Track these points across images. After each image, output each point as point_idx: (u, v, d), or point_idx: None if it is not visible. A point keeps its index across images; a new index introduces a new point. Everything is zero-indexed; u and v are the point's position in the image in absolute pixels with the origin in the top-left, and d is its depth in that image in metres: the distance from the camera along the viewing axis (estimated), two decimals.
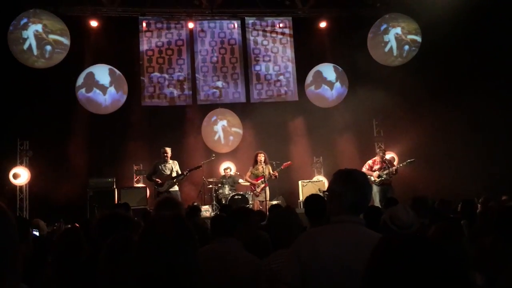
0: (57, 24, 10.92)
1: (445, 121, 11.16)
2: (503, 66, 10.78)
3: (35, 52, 10.73)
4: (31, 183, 10.72)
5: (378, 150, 10.49)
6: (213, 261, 2.77)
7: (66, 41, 10.97)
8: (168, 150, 9.58)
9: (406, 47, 12.04)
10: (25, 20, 10.74)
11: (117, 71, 11.47)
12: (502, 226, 2.74)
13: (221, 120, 12.08)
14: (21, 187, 10.74)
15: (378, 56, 12.04)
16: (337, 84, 12.28)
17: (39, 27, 10.76)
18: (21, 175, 10.59)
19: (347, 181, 2.25)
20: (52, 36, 10.84)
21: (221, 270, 2.71)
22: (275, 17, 12.66)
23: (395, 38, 12.02)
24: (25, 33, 10.66)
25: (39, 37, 10.72)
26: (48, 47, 10.81)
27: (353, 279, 1.96)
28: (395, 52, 12.06)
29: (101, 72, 11.45)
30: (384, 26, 12.08)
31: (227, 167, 11.14)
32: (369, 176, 8.76)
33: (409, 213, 2.93)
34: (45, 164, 10.49)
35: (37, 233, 5.01)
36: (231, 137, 12.09)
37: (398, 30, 12.03)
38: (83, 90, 11.31)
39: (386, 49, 12.04)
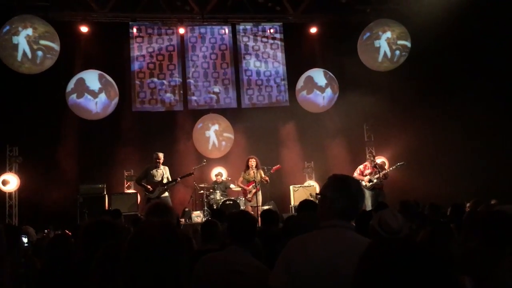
0: (48, 30, 10.87)
1: (435, 125, 11.26)
2: (492, 70, 10.87)
3: (26, 57, 10.65)
4: (20, 190, 10.63)
5: (368, 156, 10.55)
6: (221, 268, 2.74)
7: (56, 46, 10.92)
8: (161, 155, 9.54)
9: (397, 52, 12.12)
10: (15, 26, 10.67)
11: (107, 77, 11.42)
12: (486, 231, 2.77)
13: (213, 125, 12.07)
14: (10, 193, 10.64)
15: (368, 61, 12.11)
16: (328, 90, 12.31)
17: (30, 32, 10.70)
18: (10, 182, 10.50)
19: (340, 188, 2.26)
20: (43, 42, 10.78)
21: (230, 277, 2.68)
22: (266, 22, 12.69)
23: (387, 43, 12.10)
24: (15, 39, 10.60)
25: (31, 42, 10.66)
26: (40, 53, 10.74)
27: (343, 284, 1.96)
28: (385, 57, 12.13)
29: (92, 78, 11.39)
30: (374, 31, 12.15)
31: (219, 173, 11.13)
32: (360, 181, 8.85)
33: (397, 218, 2.93)
34: (34, 170, 10.40)
35: (25, 240, 4.97)
36: (223, 142, 12.08)
37: (389, 35, 12.11)
38: (74, 96, 11.26)
39: (377, 54, 12.11)
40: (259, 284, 2.62)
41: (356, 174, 9.85)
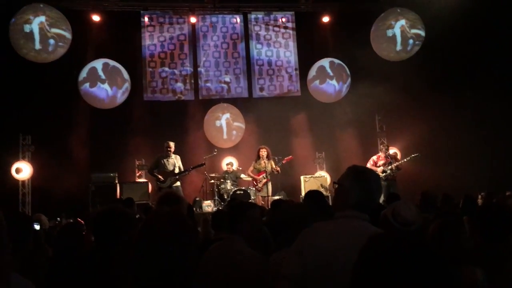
0: (60, 18, 10.91)
1: (448, 116, 11.11)
2: (507, 61, 10.71)
3: (38, 46, 10.73)
4: (33, 178, 10.74)
5: (381, 146, 10.46)
6: (217, 259, 2.74)
7: (68, 35, 10.97)
8: (172, 144, 9.53)
9: (411, 41, 12.00)
10: (27, 14, 10.71)
11: (113, 64, 11.47)
12: (482, 225, 2.73)
13: (224, 114, 12.06)
14: (23, 181, 10.75)
15: (381, 51, 11.98)
16: (334, 81, 12.27)
17: (42, 20, 10.75)
18: (23, 170, 10.61)
19: (359, 179, 2.23)
20: (55, 30, 10.84)
21: (225, 268, 2.67)
22: (278, 11, 12.60)
23: (400, 32, 11.97)
24: (27, 27, 10.66)
25: (43, 31, 10.72)
26: (52, 41, 10.82)
27: None
28: (399, 46, 12.01)
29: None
30: (388, 20, 12.01)
31: (229, 162, 11.14)
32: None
33: (411, 210, 2.89)
34: (47, 159, 10.47)
35: (38, 227, 5.01)
36: (234, 132, 12.09)
37: (403, 24, 11.97)
38: (87, 85, 11.33)
39: (391, 43, 11.99)
40: (253, 272, 2.62)
41: (369, 165, 9.79)
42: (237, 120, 12.12)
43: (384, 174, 9.63)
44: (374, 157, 10.08)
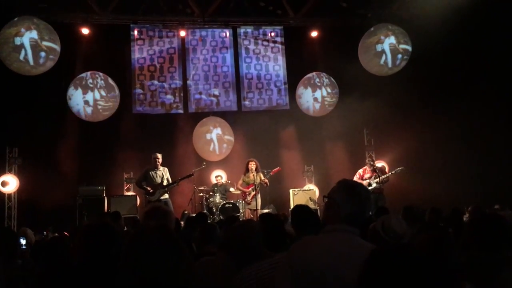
0: (50, 31, 10.87)
1: (436, 129, 11.22)
2: (493, 74, 10.87)
3: (29, 58, 10.65)
4: (20, 191, 10.62)
5: (367, 160, 10.51)
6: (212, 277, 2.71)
7: (58, 48, 10.93)
8: (159, 156, 9.52)
9: (399, 56, 12.14)
10: (19, 26, 10.67)
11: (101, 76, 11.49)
12: (485, 235, 2.75)
13: (215, 128, 12.06)
14: (9, 195, 10.63)
15: (369, 65, 12.11)
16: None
17: (34, 33, 10.71)
18: (9, 183, 10.49)
19: (350, 194, 2.23)
20: (45, 43, 10.79)
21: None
22: (267, 26, 12.70)
23: (389, 47, 12.11)
24: (18, 40, 10.60)
25: (33, 43, 10.67)
26: (43, 54, 10.77)
27: None
28: (388, 61, 12.13)
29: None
30: (376, 35, 12.16)
31: (219, 175, 11.12)
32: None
33: (401, 223, 2.92)
34: (34, 172, 10.37)
35: (23, 241, 4.95)
36: (225, 145, 12.09)
37: (392, 39, 12.12)
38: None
39: (378, 58, 12.12)
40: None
41: (355, 178, 9.84)
42: (227, 134, 12.13)
43: (370, 187, 9.68)
44: (360, 171, 10.14)
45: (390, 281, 1.12)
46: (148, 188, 9.27)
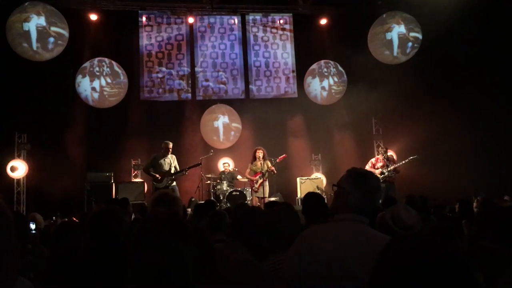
0: (58, 17, 10.87)
1: (445, 119, 11.13)
2: (503, 64, 10.75)
3: (35, 44, 10.69)
4: (28, 176, 10.69)
5: (379, 149, 10.44)
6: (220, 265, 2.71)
7: (66, 33, 10.95)
8: (171, 144, 9.50)
9: (409, 44, 12.04)
10: (27, 12, 10.67)
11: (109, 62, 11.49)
12: (498, 227, 2.72)
13: (223, 116, 12.05)
14: (18, 180, 10.71)
15: (378, 53, 12.02)
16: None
17: (42, 19, 10.72)
18: (18, 168, 10.56)
19: (359, 182, 2.20)
20: (54, 29, 10.81)
21: (230, 274, 2.64)
22: (275, 13, 12.61)
23: (398, 36, 12.01)
24: (26, 25, 10.61)
25: (41, 29, 10.68)
26: (51, 39, 10.80)
27: (352, 278, 1.94)
28: (396, 49, 12.04)
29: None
30: (386, 23, 12.04)
31: (226, 162, 11.13)
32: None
33: (411, 214, 2.89)
34: (42, 158, 10.42)
35: (33, 226, 4.99)
36: (232, 132, 12.08)
37: (402, 27, 12.01)
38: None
39: (388, 47, 12.03)
40: (249, 281, 2.59)
41: (367, 167, 9.77)
42: (234, 121, 12.12)
43: (382, 176, 9.64)
44: (373, 160, 10.08)
45: (410, 271, 1.10)
46: (157, 175, 9.27)
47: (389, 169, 9.70)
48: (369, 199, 2.21)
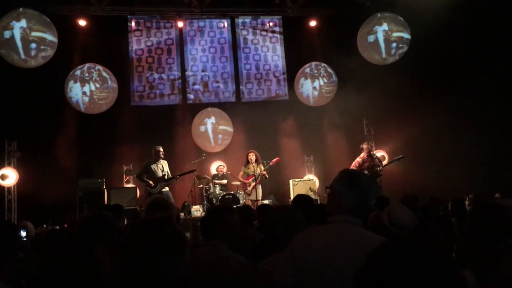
0: (41, 21, 10.75)
1: (436, 119, 11.18)
2: (493, 63, 10.82)
3: (20, 51, 10.56)
4: (19, 184, 10.59)
5: (363, 146, 10.23)
6: (200, 264, 2.71)
7: (52, 38, 10.79)
8: (161, 148, 9.49)
9: (394, 44, 12.07)
10: (6, 20, 10.55)
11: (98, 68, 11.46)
12: (481, 226, 2.74)
13: (209, 119, 12.02)
14: (9, 188, 10.61)
15: (367, 55, 12.06)
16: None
17: (23, 24, 10.59)
18: (9, 176, 10.46)
19: (350, 183, 2.21)
20: (36, 34, 10.66)
21: (208, 273, 2.64)
22: (265, 16, 12.64)
23: (383, 36, 12.05)
24: (7, 33, 10.49)
25: (24, 36, 10.56)
26: (33, 45, 10.64)
27: (344, 279, 1.94)
28: (383, 50, 12.09)
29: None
30: (373, 25, 12.10)
31: (221, 165, 11.11)
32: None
33: (408, 213, 2.90)
34: (33, 165, 10.35)
35: (24, 234, 4.95)
36: (220, 136, 12.04)
37: (385, 28, 12.05)
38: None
39: (375, 48, 12.07)
40: (238, 278, 2.59)
41: (354, 168, 9.78)
42: (222, 124, 12.10)
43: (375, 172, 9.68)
44: (359, 159, 10.03)
45: (396, 273, 1.10)
46: (150, 182, 9.26)
47: (375, 170, 9.69)
48: (361, 200, 2.20)
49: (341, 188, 2.22)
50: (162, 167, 9.44)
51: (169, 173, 9.50)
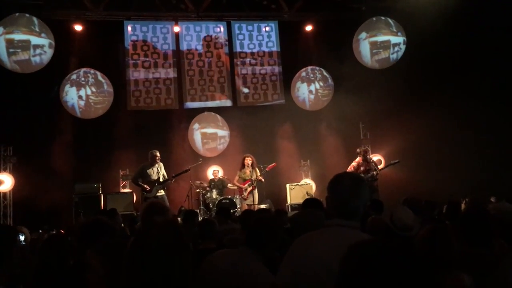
0: (36, 27, 10.73)
1: (433, 122, 11.21)
2: (488, 64, 10.85)
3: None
4: (15, 190, 10.55)
5: (359, 150, 10.27)
6: (224, 267, 2.68)
7: (46, 42, 10.77)
8: (158, 152, 9.46)
9: (390, 49, 12.11)
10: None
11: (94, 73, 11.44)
12: (469, 232, 2.76)
13: (199, 124, 12.00)
14: (4, 193, 10.57)
15: (362, 59, 12.10)
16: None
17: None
18: (4, 182, 10.43)
19: (333, 186, 2.25)
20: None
21: (229, 279, 2.61)
22: (261, 20, 12.67)
23: (373, 42, 12.08)
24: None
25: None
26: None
27: None
28: (379, 55, 12.12)
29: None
30: (369, 29, 12.14)
31: (216, 170, 11.11)
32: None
33: (410, 215, 2.91)
34: (29, 170, 10.30)
35: (22, 238, 4.94)
36: (211, 141, 12.02)
37: (379, 33, 12.09)
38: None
39: (369, 52, 12.10)
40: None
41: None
42: (221, 128, 12.10)
43: (372, 175, 9.69)
44: (354, 163, 10.07)
45: (365, 277, 1.11)
46: (145, 186, 9.21)
47: (369, 174, 9.70)
48: (343, 200, 2.20)
49: (328, 192, 2.27)
50: (158, 170, 9.39)
51: (166, 175, 9.47)
